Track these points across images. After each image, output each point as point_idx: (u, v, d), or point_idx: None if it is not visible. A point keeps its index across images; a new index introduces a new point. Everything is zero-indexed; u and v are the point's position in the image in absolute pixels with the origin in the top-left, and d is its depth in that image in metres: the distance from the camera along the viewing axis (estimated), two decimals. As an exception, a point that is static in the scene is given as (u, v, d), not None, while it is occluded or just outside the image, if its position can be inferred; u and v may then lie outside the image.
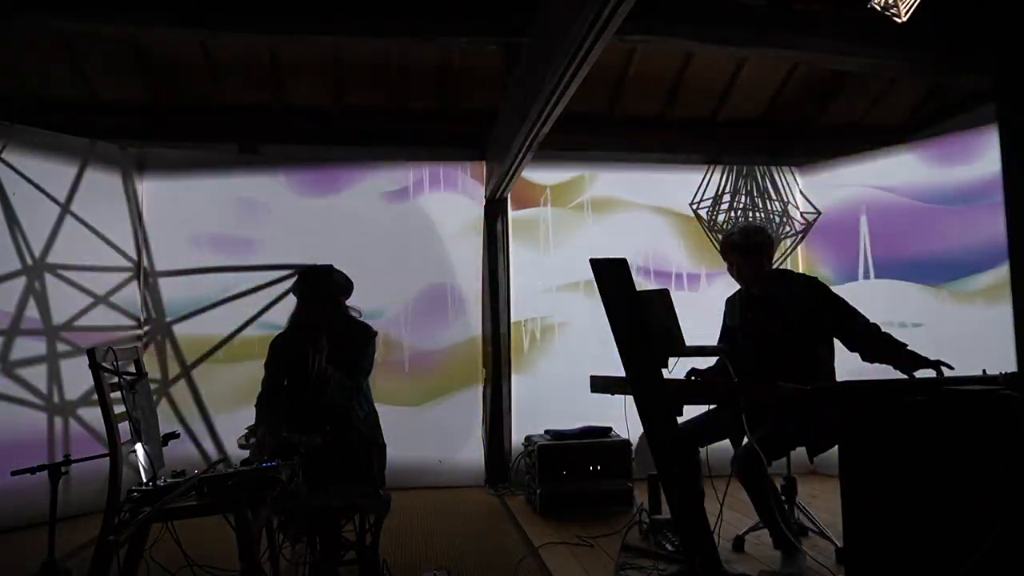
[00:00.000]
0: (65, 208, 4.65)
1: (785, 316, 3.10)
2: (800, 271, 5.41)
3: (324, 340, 2.98)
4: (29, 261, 4.48)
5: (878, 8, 3.50)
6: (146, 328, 4.99)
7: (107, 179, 4.88)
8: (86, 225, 4.73)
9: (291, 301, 3.21)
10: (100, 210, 4.82)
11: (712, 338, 3.42)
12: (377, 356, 3.27)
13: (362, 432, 3.03)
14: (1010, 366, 1.78)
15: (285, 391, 3.12)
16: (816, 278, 3.26)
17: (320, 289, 3.06)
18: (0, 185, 4.38)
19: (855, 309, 3.11)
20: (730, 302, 3.44)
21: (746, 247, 3.16)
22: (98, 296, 4.76)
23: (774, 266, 3.39)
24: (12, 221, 4.41)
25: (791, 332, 3.06)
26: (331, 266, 3.17)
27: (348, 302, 3.17)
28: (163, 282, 5.06)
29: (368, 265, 5.16)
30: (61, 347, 4.55)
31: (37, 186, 4.53)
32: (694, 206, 5.57)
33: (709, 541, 2.66)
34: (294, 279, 3.20)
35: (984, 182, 4.65)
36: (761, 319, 3.18)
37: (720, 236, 5.52)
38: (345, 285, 3.16)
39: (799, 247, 5.61)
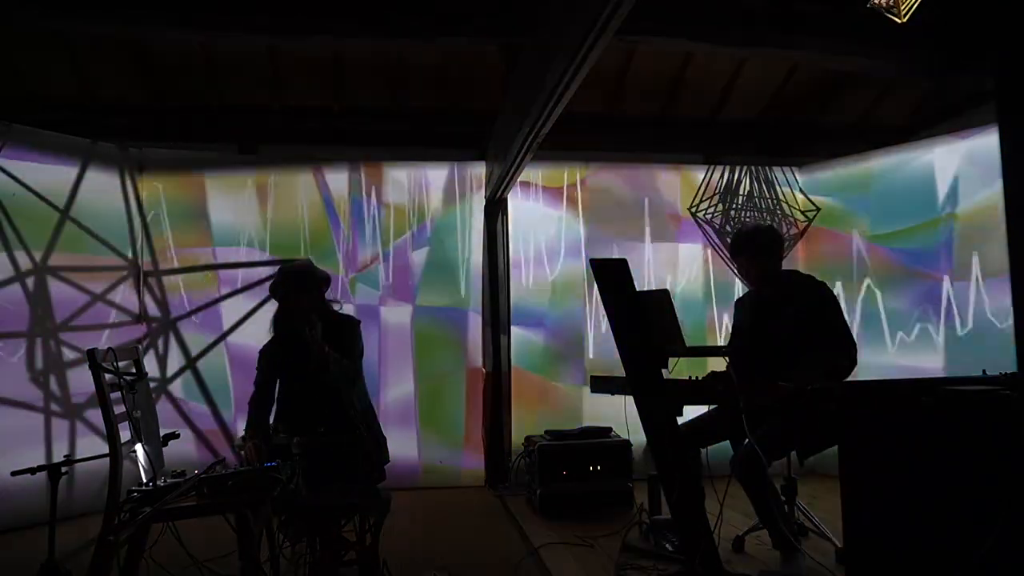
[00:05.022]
0: (65, 209, 4.65)
1: (792, 317, 3.09)
2: (801, 270, 5.41)
3: (316, 319, 3.00)
4: (29, 263, 4.48)
5: (879, 8, 3.50)
6: (145, 326, 4.99)
7: (107, 179, 4.88)
8: (85, 226, 4.73)
9: None
10: (100, 210, 4.82)
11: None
12: (373, 353, 3.29)
13: (359, 429, 3.03)
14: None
15: (281, 394, 3.15)
16: (823, 282, 3.21)
17: (304, 281, 3.10)
18: None
19: (842, 330, 3.04)
20: (739, 304, 3.43)
21: (754, 247, 3.14)
22: (99, 296, 4.76)
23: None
24: (12, 222, 4.41)
25: (798, 334, 3.05)
26: (310, 260, 3.20)
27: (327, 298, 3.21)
28: (164, 281, 5.07)
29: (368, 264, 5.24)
30: (62, 347, 4.55)
31: (36, 187, 4.53)
32: (693, 209, 5.56)
33: (709, 541, 2.66)
34: (273, 279, 3.21)
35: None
36: (769, 320, 3.17)
37: (719, 238, 5.53)
38: (325, 277, 3.21)
39: (799, 244, 5.61)
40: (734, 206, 5.61)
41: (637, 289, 2.64)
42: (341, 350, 3.05)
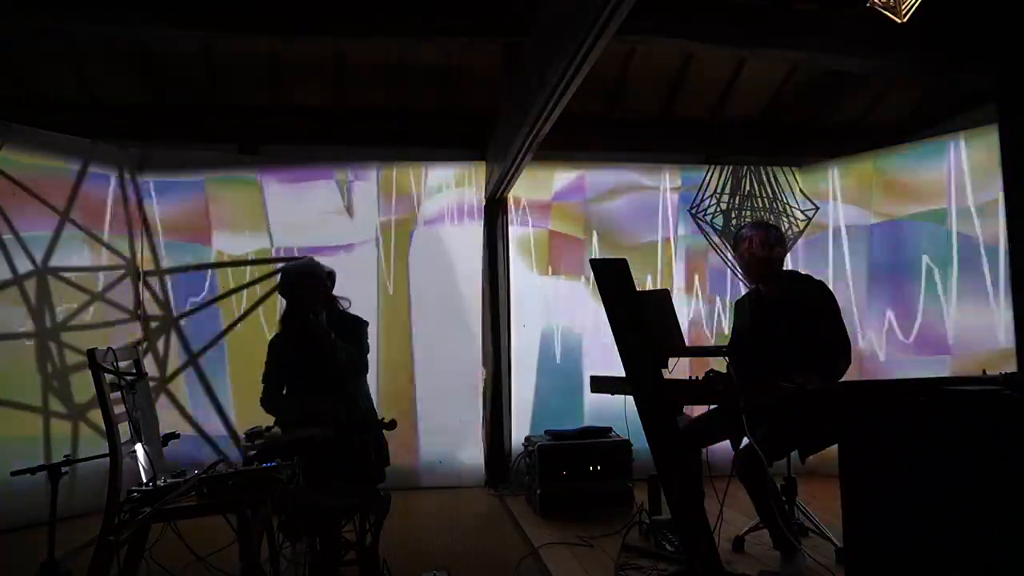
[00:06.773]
0: (65, 209, 4.65)
1: (792, 317, 3.08)
2: (801, 269, 5.41)
3: (321, 310, 3.04)
4: (29, 264, 4.47)
5: (879, 7, 3.49)
6: (149, 325, 4.99)
7: (107, 179, 4.88)
8: (84, 227, 4.73)
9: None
10: (100, 210, 4.81)
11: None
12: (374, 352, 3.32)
13: (358, 427, 3.04)
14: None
15: (289, 388, 3.16)
16: (822, 282, 3.21)
17: (306, 278, 3.13)
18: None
19: (840, 331, 3.04)
20: (739, 304, 3.42)
21: (758, 239, 3.14)
22: (100, 296, 4.76)
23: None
24: (12, 223, 4.41)
25: (797, 334, 3.05)
26: (312, 258, 3.26)
27: (334, 294, 3.23)
28: (165, 280, 5.07)
29: (367, 263, 5.24)
30: (62, 347, 4.55)
31: (36, 187, 4.52)
32: (693, 210, 5.56)
33: (709, 541, 2.66)
34: (280, 278, 3.27)
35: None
36: (769, 320, 3.16)
37: (720, 238, 5.53)
38: (329, 272, 3.23)
39: (798, 244, 5.61)
40: (734, 206, 5.62)
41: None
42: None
